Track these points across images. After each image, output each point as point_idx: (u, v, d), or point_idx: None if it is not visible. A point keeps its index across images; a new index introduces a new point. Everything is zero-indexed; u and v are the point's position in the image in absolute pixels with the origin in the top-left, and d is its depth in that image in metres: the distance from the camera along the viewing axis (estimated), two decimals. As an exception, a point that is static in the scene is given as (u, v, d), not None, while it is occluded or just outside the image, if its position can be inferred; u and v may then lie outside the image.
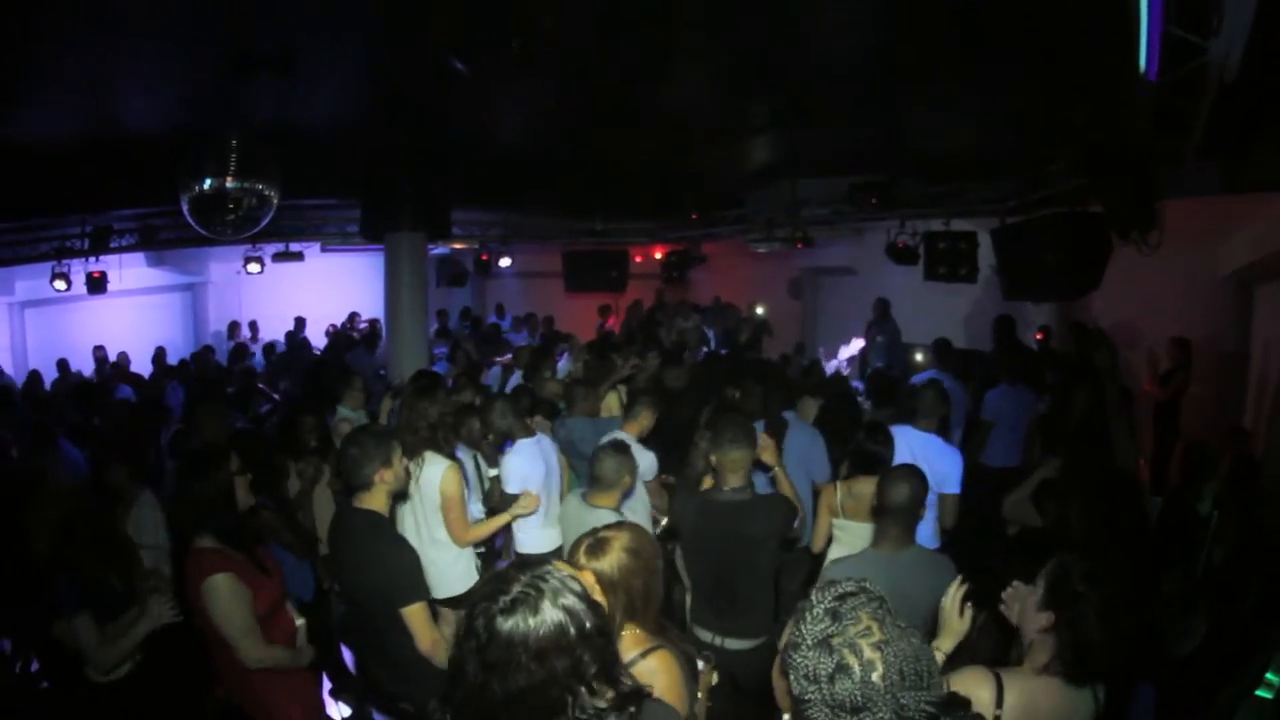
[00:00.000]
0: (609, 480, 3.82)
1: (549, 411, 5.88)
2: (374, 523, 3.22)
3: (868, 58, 5.21)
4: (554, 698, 1.53)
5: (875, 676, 1.35)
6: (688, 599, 3.93)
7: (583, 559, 2.35)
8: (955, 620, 2.54)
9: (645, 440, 5.11)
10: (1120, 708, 3.23)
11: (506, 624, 1.53)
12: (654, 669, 2.30)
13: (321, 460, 5.00)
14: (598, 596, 1.98)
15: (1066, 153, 6.00)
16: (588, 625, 1.57)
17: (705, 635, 3.59)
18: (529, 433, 4.97)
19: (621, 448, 3.99)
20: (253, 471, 3.46)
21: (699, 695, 2.47)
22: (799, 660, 1.41)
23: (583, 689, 1.55)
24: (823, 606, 1.44)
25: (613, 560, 2.35)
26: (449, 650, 2.00)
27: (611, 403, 6.55)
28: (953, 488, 4.58)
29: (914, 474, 3.30)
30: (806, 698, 1.39)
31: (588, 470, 4.16)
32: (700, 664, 2.51)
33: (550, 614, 1.54)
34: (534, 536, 4.80)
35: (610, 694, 1.58)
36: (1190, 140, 4.06)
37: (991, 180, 7.91)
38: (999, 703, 2.10)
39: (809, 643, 1.41)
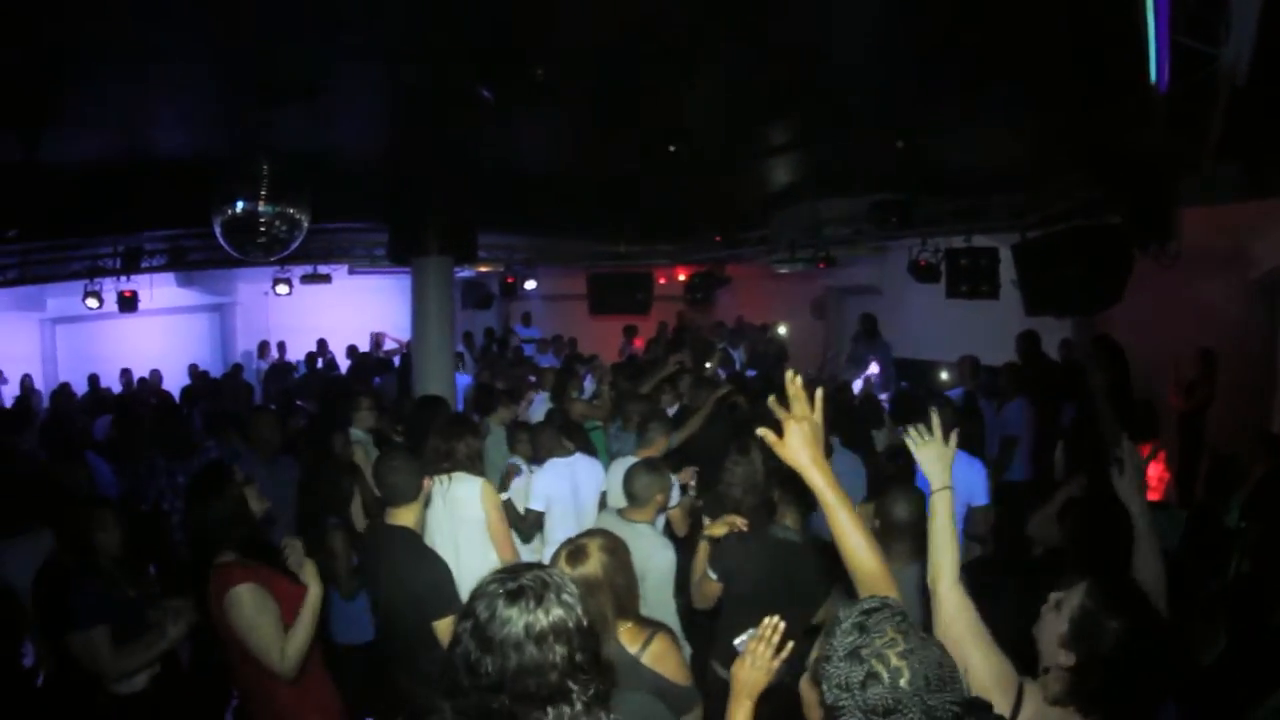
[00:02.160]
0: (643, 497, 3.85)
1: (577, 434, 5.85)
2: (409, 538, 3.35)
3: (885, 77, 5.25)
4: (552, 682, 1.55)
5: (903, 682, 1.47)
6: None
7: (565, 566, 2.50)
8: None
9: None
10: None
11: (509, 610, 1.57)
12: (664, 651, 2.56)
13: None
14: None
15: (1084, 166, 5.98)
16: (585, 622, 1.63)
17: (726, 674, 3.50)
18: (566, 451, 5.08)
19: (654, 465, 4.01)
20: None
21: None
22: (831, 671, 1.54)
23: (580, 675, 1.58)
24: (850, 621, 1.57)
25: (595, 562, 2.54)
26: None
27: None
28: (980, 499, 4.61)
29: (911, 490, 3.31)
30: (841, 704, 1.51)
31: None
32: None
33: (554, 607, 1.59)
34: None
35: (599, 683, 1.63)
36: (1206, 147, 4.04)
37: (1011, 195, 7.87)
38: (1014, 715, 2.07)
39: (840, 654, 1.53)
